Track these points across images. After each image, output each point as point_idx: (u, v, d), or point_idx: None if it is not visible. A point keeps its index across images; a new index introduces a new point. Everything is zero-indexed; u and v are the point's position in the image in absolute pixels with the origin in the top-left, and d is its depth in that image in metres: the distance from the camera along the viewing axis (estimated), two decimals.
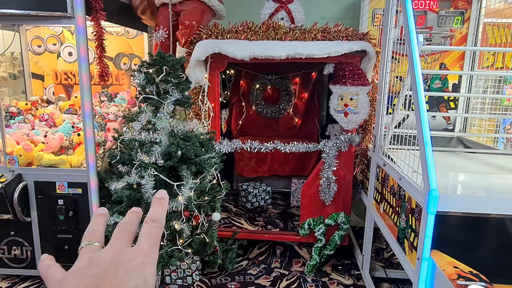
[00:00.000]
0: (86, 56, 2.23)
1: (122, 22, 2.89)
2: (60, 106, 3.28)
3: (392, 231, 2.05)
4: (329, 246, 2.76)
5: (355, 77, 2.52)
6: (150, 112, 2.40)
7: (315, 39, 2.55)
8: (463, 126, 3.30)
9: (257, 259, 2.91)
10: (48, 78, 3.49)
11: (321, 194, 2.74)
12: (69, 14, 2.17)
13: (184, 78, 2.49)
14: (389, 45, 2.30)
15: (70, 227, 2.47)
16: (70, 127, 2.73)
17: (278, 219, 3.15)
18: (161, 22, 2.78)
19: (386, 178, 2.21)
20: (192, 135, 2.50)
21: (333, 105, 2.64)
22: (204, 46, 2.54)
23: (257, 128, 3.67)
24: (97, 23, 2.33)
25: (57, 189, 2.43)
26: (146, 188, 2.28)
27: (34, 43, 3.41)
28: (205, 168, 2.45)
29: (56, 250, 2.50)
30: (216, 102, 2.77)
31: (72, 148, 2.60)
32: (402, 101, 2.19)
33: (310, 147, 2.72)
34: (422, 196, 1.60)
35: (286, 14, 2.66)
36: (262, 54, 2.50)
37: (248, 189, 3.35)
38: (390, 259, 2.96)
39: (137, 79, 2.38)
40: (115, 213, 2.35)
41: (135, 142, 2.39)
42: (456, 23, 3.16)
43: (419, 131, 1.67)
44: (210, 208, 2.52)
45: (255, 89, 3.58)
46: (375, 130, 2.49)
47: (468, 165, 2.47)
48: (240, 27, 2.59)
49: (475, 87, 3.18)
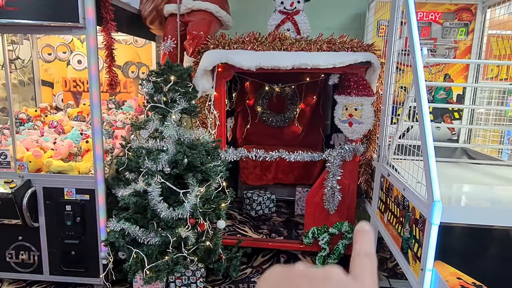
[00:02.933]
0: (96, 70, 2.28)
1: (131, 32, 2.96)
2: (68, 113, 3.34)
3: (396, 241, 2.06)
4: (333, 255, 2.76)
5: (360, 88, 2.55)
6: (158, 120, 2.44)
7: (321, 50, 2.59)
8: (467, 136, 3.31)
9: (261, 267, 2.92)
10: (57, 85, 3.55)
11: (326, 203, 2.75)
12: (81, 24, 2.23)
13: (192, 87, 2.54)
14: (394, 56, 2.33)
15: (77, 233, 2.51)
16: (79, 134, 2.78)
17: (282, 227, 3.17)
18: (169, 32, 2.84)
19: (390, 188, 2.23)
20: (198, 143, 2.53)
21: (337, 115, 2.66)
22: (211, 56, 2.59)
23: (262, 136, 3.70)
24: (108, 33, 2.39)
25: (65, 195, 2.47)
26: (152, 195, 2.32)
27: (44, 51, 3.48)
28: (210, 176, 2.48)
29: (63, 256, 2.54)
30: (222, 111, 2.81)
31: (81, 154, 2.64)
32: (407, 112, 2.22)
33: (314, 156, 2.74)
34: (426, 207, 1.62)
35: (292, 25, 2.71)
36: (268, 64, 2.54)
37: (252, 197, 3.38)
38: (394, 269, 2.96)
39: (146, 88, 2.43)
40: (121, 219, 2.39)
41: (142, 149, 2.43)
42: (461, 35, 3.19)
43: (423, 142, 1.69)
44: (215, 215, 2.55)
45: (261, 98, 3.61)
46: (379, 140, 2.52)
47: (472, 176, 2.48)
48: (247, 38, 2.64)
49: (479, 98, 3.20)
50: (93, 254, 2.52)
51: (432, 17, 3.16)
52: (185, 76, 2.50)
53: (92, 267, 2.54)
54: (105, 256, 2.45)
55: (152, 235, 2.38)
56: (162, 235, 2.34)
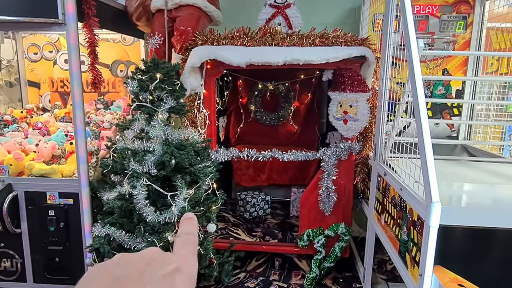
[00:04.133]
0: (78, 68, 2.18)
1: (118, 29, 2.85)
2: (55, 114, 3.24)
3: (393, 244, 1.96)
4: (329, 258, 2.66)
5: (355, 84, 2.44)
6: (144, 120, 2.34)
7: (313, 44, 2.49)
8: (467, 133, 3.21)
9: (255, 271, 2.82)
10: (44, 86, 3.45)
11: (321, 204, 2.65)
12: (60, 20, 2.13)
13: (179, 85, 2.43)
14: (389, 50, 2.22)
15: (61, 239, 2.40)
16: (64, 135, 2.67)
17: (277, 230, 3.06)
18: (157, 28, 2.73)
19: (387, 188, 2.12)
20: (187, 143, 2.43)
21: (332, 112, 2.56)
22: (199, 52, 2.48)
23: (256, 135, 3.60)
24: (90, 30, 2.29)
25: (48, 199, 2.36)
26: (138, 199, 2.21)
27: (30, 51, 3.38)
28: (200, 177, 2.38)
29: (47, 263, 2.43)
30: (212, 110, 2.71)
31: (65, 157, 2.54)
32: (404, 108, 2.11)
33: (308, 156, 2.64)
34: (424, 208, 1.51)
35: (283, 19, 2.60)
36: (258, 60, 2.44)
37: (246, 198, 3.27)
38: (393, 272, 2.85)
39: (130, 86, 2.32)
40: (106, 224, 2.28)
41: (127, 151, 2.33)
42: (459, 28, 3.08)
43: (420, 139, 1.59)
44: (205, 219, 2.44)
45: (254, 96, 3.51)
46: (375, 138, 2.41)
47: (473, 174, 2.38)
48: (237, 33, 2.53)
49: (479, 93, 3.10)
50: (78, 260, 2.41)
51: (429, 10, 3.05)
52: (172, 74, 2.39)
53: (78, 274, 2.43)
54: (90, 263, 2.34)
55: (139, 240, 2.27)
56: (149, 240, 2.24)
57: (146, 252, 0.41)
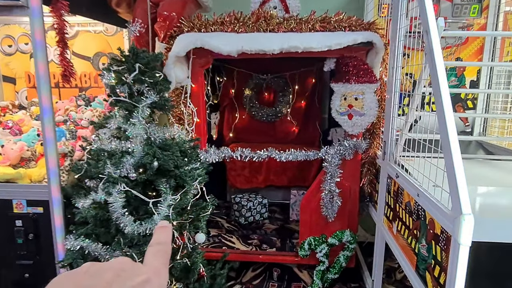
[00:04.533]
0: (44, 58, 1.90)
1: (94, 16, 2.56)
2: (32, 111, 2.96)
3: (409, 258, 1.68)
4: (333, 269, 2.39)
5: (360, 73, 2.16)
6: (121, 117, 2.06)
7: (313, 30, 2.21)
8: (483, 128, 2.93)
9: (251, 283, 2.55)
10: (20, 81, 3.17)
11: (323, 209, 2.38)
12: (22, 2, 1.84)
13: (162, 77, 2.15)
14: (400, 34, 1.94)
15: (30, 252, 2.12)
16: (36, 135, 2.39)
17: (275, 237, 2.79)
18: (139, 15, 2.44)
19: (399, 193, 1.84)
20: (172, 143, 2.15)
21: (335, 106, 2.28)
22: (184, 40, 2.20)
23: (251, 133, 3.32)
24: (58, 14, 2.00)
25: (15, 208, 2.09)
26: (114, 207, 1.94)
27: (4, 43, 3.10)
28: (186, 181, 2.10)
29: (16, 279, 2.16)
30: (201, 105, 2.43)
31: (35, 159, 2.26)
32: (418, 100, 1.83)
33: (309, 155, 2.36)
34: (451, 221, 1.24)
35: (279, 2, 2.32)
36: (251, 48, 2.15)
37: (241, 202, 2.99)
38: (404, 282, 2.58)
39: (106, 79, 2.04)
40: (80, 236, 2.01)
41: (103, 152, 2.05)
42: (473, 13, 2.80)
43: (444, 136, 1.31)
44: (193, 228, 2.17)
45: (249, 90, 3.22)
46: (384, 134, 2.13)
47: (495, 175, 2.10)
48: (227, 18, 2.25)
49: (495, 84, 2.82)
50: (50, 276, 2.11)
51: None
52: (153, 65, 2.11)
53: None
54: None
55: (117, 254, 1.99)
56: (127, 254, 1.96)
57: (116, 262, 0.40)
